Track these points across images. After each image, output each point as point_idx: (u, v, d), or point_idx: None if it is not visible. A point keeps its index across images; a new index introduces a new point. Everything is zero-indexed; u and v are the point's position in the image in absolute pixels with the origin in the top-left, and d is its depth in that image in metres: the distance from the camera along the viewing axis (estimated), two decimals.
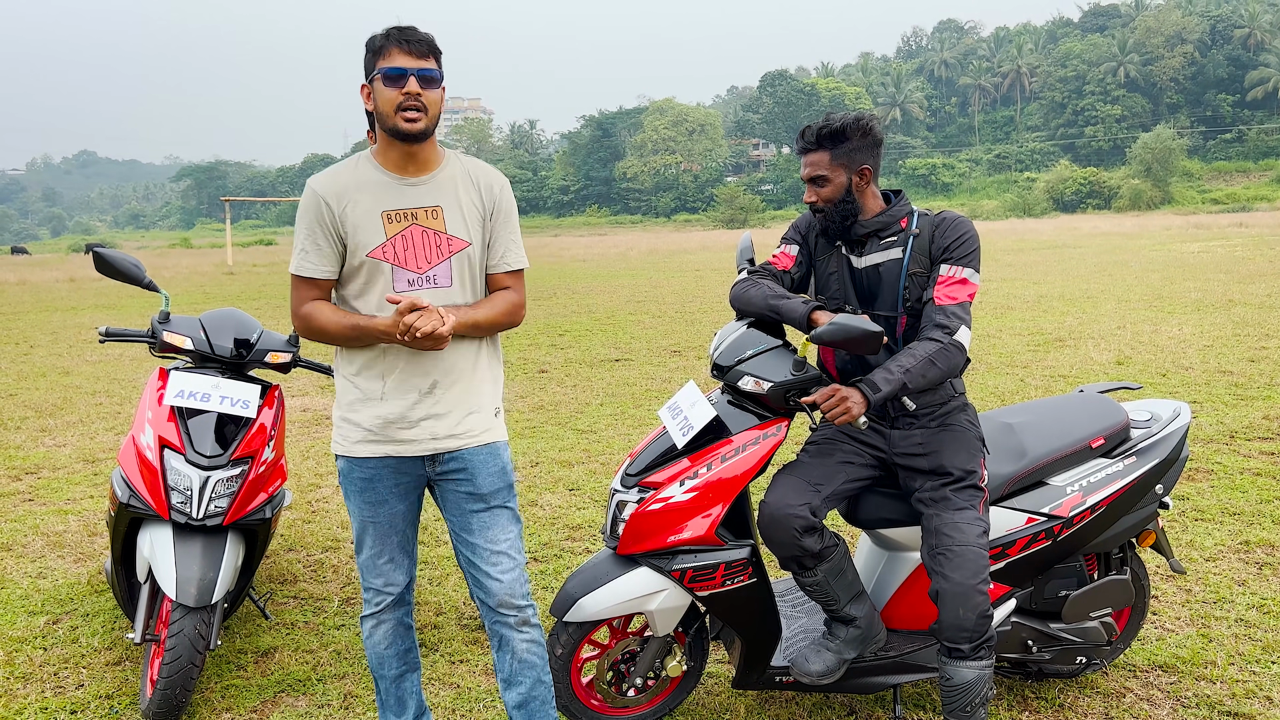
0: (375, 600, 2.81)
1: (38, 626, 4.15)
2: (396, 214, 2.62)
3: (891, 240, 3.03)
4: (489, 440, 2.77)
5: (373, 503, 2.73)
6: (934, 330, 2.90)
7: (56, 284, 27.85)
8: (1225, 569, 4.41)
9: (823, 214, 3.05)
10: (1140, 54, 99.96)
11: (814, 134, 3.01)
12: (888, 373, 2.84)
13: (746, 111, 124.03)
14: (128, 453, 3.53)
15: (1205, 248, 27.17)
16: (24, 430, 8.11)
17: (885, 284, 3.02)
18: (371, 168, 2.67)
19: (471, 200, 2.70)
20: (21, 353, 13.11)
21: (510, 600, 2.73)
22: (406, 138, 2.58)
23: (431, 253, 2.64)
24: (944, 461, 3.01)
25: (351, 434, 2.72)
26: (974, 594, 2.85)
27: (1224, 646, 3.68)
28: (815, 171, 3.02)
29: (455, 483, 2.74)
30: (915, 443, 3.05)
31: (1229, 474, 5.78)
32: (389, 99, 2.54)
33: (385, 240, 2.61)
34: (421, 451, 2.69)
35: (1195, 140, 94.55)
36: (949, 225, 3.02)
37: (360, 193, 2.63)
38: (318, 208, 2.61)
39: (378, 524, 2.75)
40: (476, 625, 4.09)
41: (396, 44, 2.55)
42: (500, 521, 2.76)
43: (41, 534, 5.36)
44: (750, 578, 2.95)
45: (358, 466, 2.72)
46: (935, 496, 2.99)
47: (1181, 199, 78.02)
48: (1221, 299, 14.46)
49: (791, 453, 6.58)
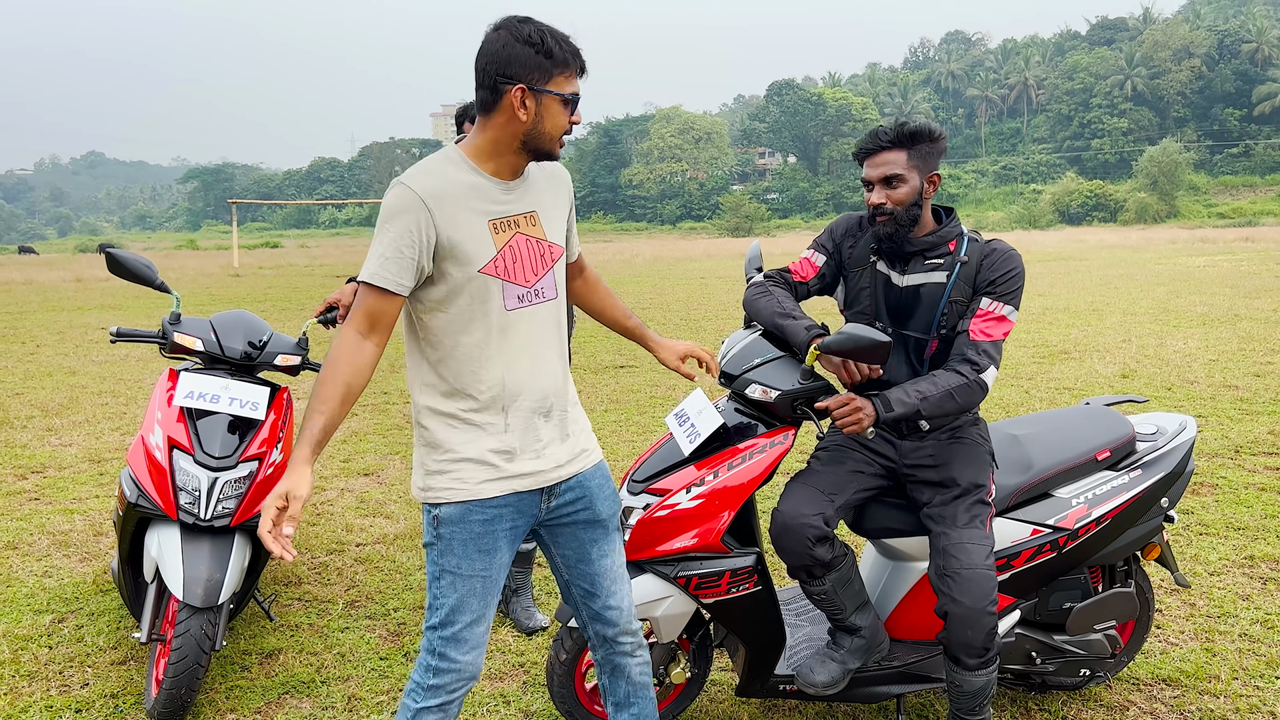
0: (453, 685, 2.40)
1: (43, 625, 4.16)
2: (502, 222, 2.35)
3: (937, 262, 2.98)
4: (599, 458, 2.63)
5: (486, 551, 2.38)
6: (962, 364, 2.89)
7: (63, 284, 27.93)
8: (1229, 583, 4.41)
9: (890, 218, 2.93)
10: (1147, 67, 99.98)
11: (892, 131, 2.92)
12: (905, 395, 2.84)
13: (753, 120, 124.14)
14: (137, 453, 3.54)
15: (1211, 262, 27.14)
16: (30, 429, 8.14)
17: (923, 306, 2.99)
18: (467, 169, 2.35)
19: (556, 201, 2.52)
20: (28, 352, 13.15)
21: (628, 627, 2.63)
22: (551, 157, 2.42)
23: (537, 263, 2.40)
24: (954, 474, 2.99)
25: (474, 474, 2.36)
26: (982, 616, 2.85)
27: (1228, 661, 3.68)
28: (890, 170, 2.91)
29: (572, 513, 2.53)
30: (925, 454, 3.05)
31: (1234, 489, 5.78)
32: (560, 124, 2.34)
33: (495, 253, 2.32)
34: (547, 482, 2.44)
35: (1202, 154, 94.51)
36: (999, 259, 2.96)
37: (464, 198, 2.31)
38: (417, 210, 2.24)
39: (487, 578, 2.40)
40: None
41: (578, 68, 2.35)
42: (616, 545, 2.62)
43: (47, 533, 5.38)
44: (755, 586, 2.95)
45: (477, 510, 2.37)
46: (944, 512, 2.96)
47: (1187, 213, 77.98)
48: (1227, 313, 14.45)
49: (799, 462, 6.59)
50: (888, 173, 2.90)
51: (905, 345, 3.04)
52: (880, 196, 2.92)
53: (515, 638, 4.03)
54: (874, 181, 2.94)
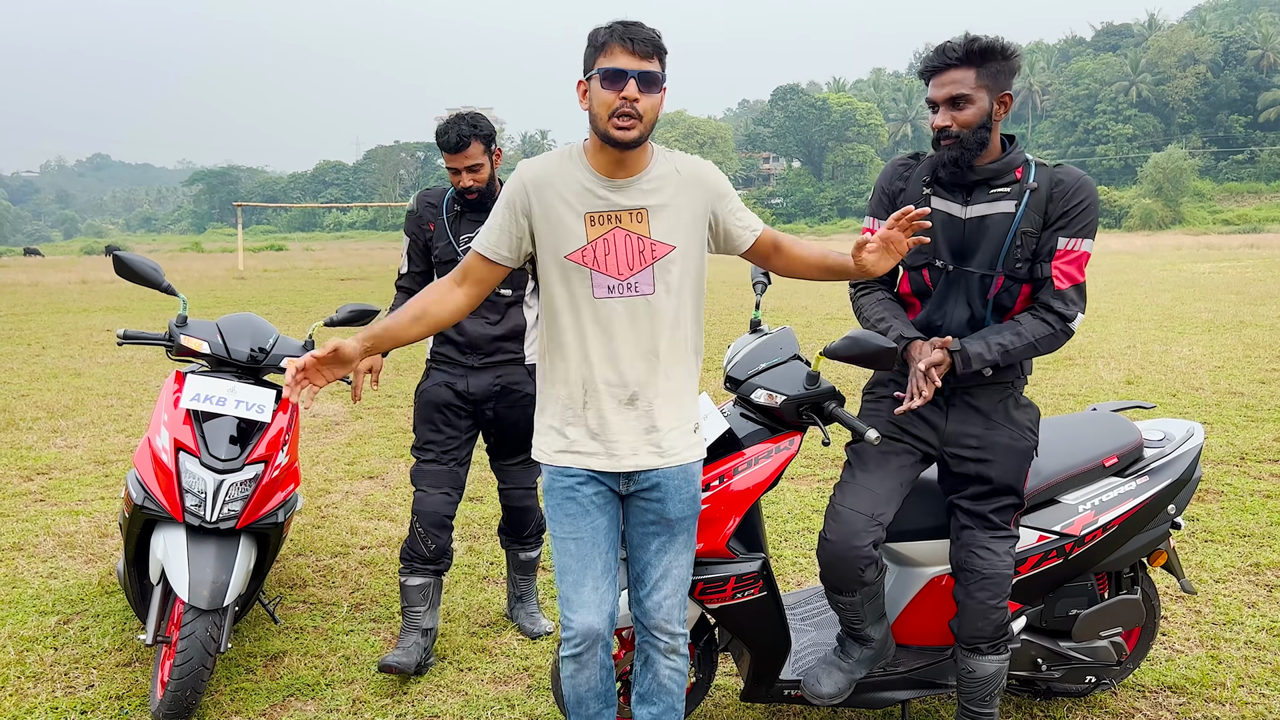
0: (576, 642, 2.59)
1: (49, 626, 4.17)
2: (600, 216, 2.48)
3: (1003, 191, 2.78)
4: (687, 460, 2.62)
5: (574, 514, 2.57)
6: (1049, 314, 2.78)
7: (69, 285, 27.97)
8: (1235, 591, 4.40)
9: (956, 141, 2.74)
10: (1153, 74, 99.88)
11: (960, 47, 2.70)
12: (985, 350, 2.74)
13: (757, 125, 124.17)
14: (143, 455, 3.55)
15: (1216, 268, 27.11)
16: (36, 431, 8.15)
17: (989, 239, 2.80)
18: (580, 165, 2.51)
19: (681, 201, 2.53)
20: (34, 354, 13.17)
21: (665, 625, 2.64)
22: (619, 145, 2.41)
23: (634, 258, 2.48)
24: (992, 473, 2.92)
25: (555, 442, 2.59)
26: (994, 610, 2.94)
27: (1233, 669, 3.67)
28: (956, 90, 2.71)
29: (646, 502, 2.61)
30: (970, 439, 2.93)
31: (1239, 496, 5.77)
32: (605, 101, 2.38)
33: (586, 244, 2.47)
34: (619, 467, 2.55)
35: (1207, 160, 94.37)
36: (1071, 188, 2.76)
37: (565, 188, 2.50)
38: (519, 192, 2.52)
39: (579, 539, 2.57)
40: (485, 633, 4.10)
41: (620, 40, 2.38)
42: (677, 547, 2.64)
43: (53, 534, 5.38)
44: (761, 591, 2.95)
45: (559, 476, 2.59)
46: (975, 510, 2.96)
47: (1192, 219, 77.86)
48: (1233, 320, 14.43)
49: (804, 467, 6.59)
50: (954, 92, 2.71)
51: (967, 284, 2.87)
52: (945, 118, 2.74)
53: (520, 642, 4.03)
54: (938, 102, 2.75)
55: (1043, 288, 2.83)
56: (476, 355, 3.83)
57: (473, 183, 3.72)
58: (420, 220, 3.92)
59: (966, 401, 2.95)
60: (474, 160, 3.70)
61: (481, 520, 5.61)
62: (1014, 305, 2.89)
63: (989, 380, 2.91)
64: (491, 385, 3.85)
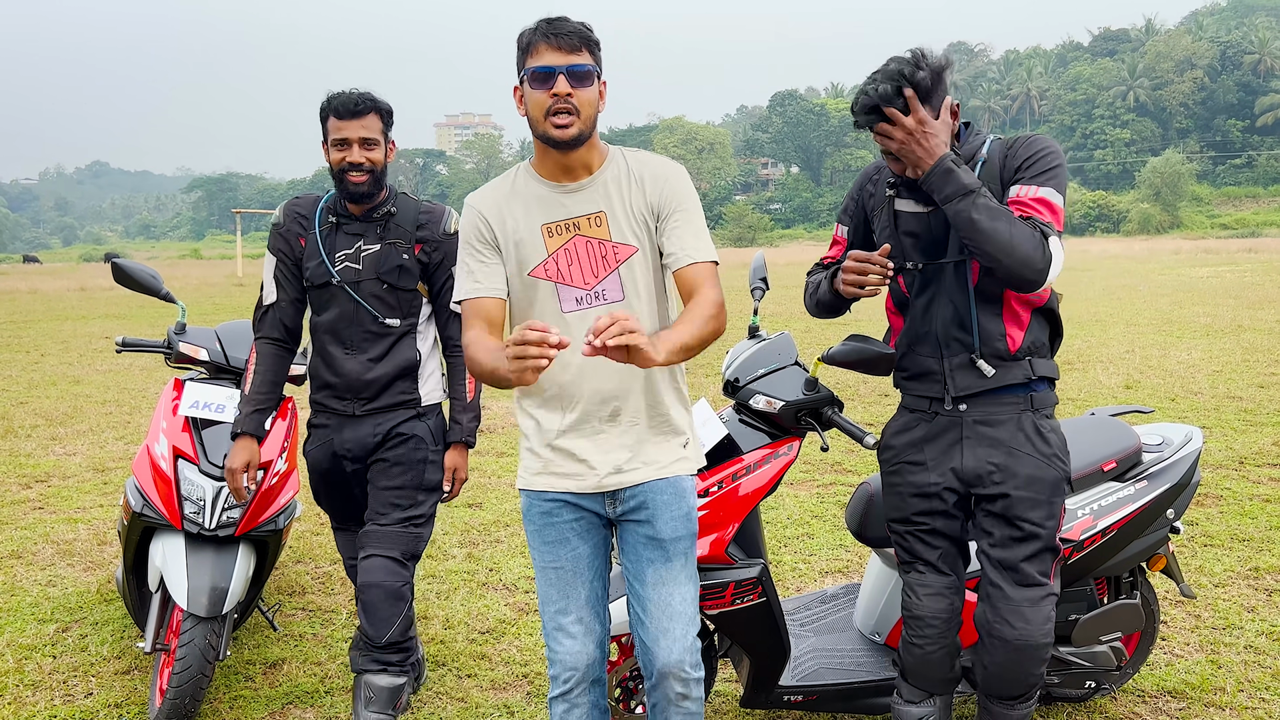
0: (565, 679, 2.45)
1: (47, 634, 4.16)
2: (557, 226, 2.37)
3: None
4: (675, 473, 2.46)
5: (553, 541, 2.45)
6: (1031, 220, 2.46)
7: (68, 293, 27.98)
8: (1234, 595, 4.40)
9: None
10: (1150, 78, 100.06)
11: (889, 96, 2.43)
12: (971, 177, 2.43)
13: (756, 131, 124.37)
14: (142, 462, 3.55)
15: (1214, 272, 27.13)
16: (34, 438, 8.15)
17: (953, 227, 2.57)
18: (529, 178, 2.42)
19: (636, 200, 2.39)
20: (32, 361, 13.17)
21: (676, 672, 2.44)
22: (559, 145, 2.30)
23: (598, 264, 2.37)
24: (1017, 511, 2.62)
25: (531, 465, 2.47)
26: (1029, 677, 2.70)
27: (1233, 673, 3.67)
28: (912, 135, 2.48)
29: (635, 524, 2.45)
30: (987, 466, 2.66)
31: (1238, 500, 5.77)
32: (537, 102, 2.28)
33: (547, 256, 2.37)
34: (602, 486, 2.41)
35: (1204, 165, 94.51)
36: (1022, 144, 2.58)
37: (518, 206, 2.40)
38: (475, 226, 2.40)
39: (560, 569, 2.44)
40: (484, 639, 4.10)
41: (544, 38, 2.27)
42: (676, 577, 2.45)
43: (51, 542, 5.38)
44: (759, 597, 2.95)
45: (537, 501, 2.46)
46: (1004, 560, 2.66)
47: (1190, 223, 77.98)
48: (1231, 324, 14.44)
49: (803, 473, 6.58)
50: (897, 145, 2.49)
51: (944, 279, 2.66)
52: (900, 167, 2.57)
53: (519, 649, 4.02)
54: (888, 150, 2.55)
55: None
56: (358, 401, 3.20)
57: (364, 159, 3.06)
58: (288, 235, 3.22)
59: (981, 432, 2.68)
60: (370, 133, 3.09)
61: (480, 526, 5.60)
62: (1001, 293, 2.62)
63: (1004, 398, 2.66)
64: (369, 437, 3.21)
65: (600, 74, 2.34)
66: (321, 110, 3.11)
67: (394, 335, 3.20)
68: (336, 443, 3.22)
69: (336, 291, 3.14)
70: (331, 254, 3.15)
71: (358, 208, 3.18)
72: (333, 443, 3.23)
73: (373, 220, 3.19)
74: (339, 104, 3.05)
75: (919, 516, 2.77)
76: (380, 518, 3.18)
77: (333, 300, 3.16)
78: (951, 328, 2.66)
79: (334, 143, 3.08)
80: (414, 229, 3.20)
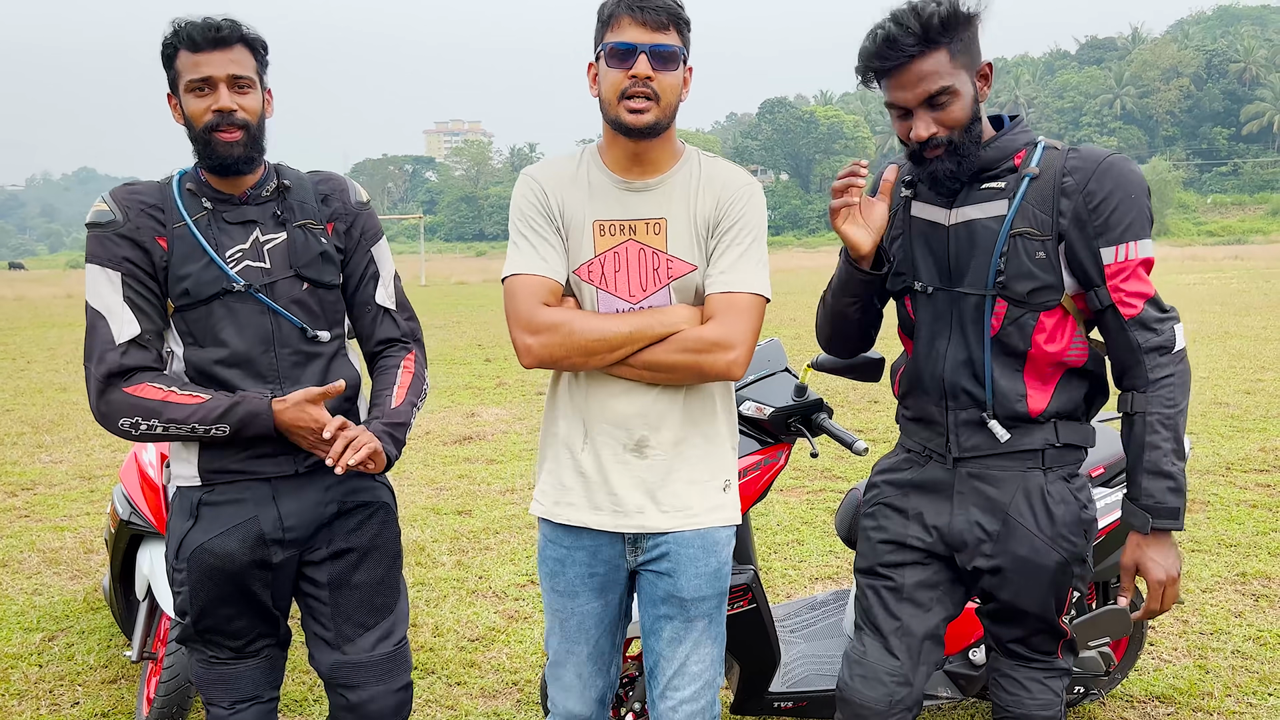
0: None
1: (33, 643, 4.13)
2: (611, 225, 2.10)
3: (996, 188, 2.09)
4: (709, 524, 2.15)
5: (561, 592, 2.21)
6: (1151, 357, 2.05)
7: (54, 300, 27.86)
8: (1222, 600, 4.42)
9: (950, 149, 2.05)
10: (1136, 87, 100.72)
11: (917, 27, 1.96)
12: (1163, 476, 2.02)
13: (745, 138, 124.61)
14: (129, 470, 3.53)
15: (1201, 279, 27.28)
16: (20, 446, 8.10)
17: (978, 250, 2.10)
18: (594, 164, 2.14)
19: (702, 211, 2.10)
20: (18, 368, 13.10)
21: None
22: (631, 132, 2.02)
23: (648, 277, 2.09)
24: (1007, 596, 2.21)
25: (550, 493, 2.20)
26: None
27: (1221, 678, 3.68)
28: (937, 84, 2.00)
29: (654, 575, 2.17)
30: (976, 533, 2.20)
31: (1225, 506, 5.80)
32: (613, 82, 2.00)
33: (594, 256, 2.09)
34: (623, 527, 2.12)
35: (1191, 173, 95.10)
36: (1093, 172, 2.01)
37: (576, 191, 2.12)
38: (537, 198, 2.11)
39: (565, 621, 2.22)
40: (474, 647, 4.09)
41: (629, 11, 1.99)
42: (695, 638, 2.18)
43: (38, 550, 5.35)
44: (749, 604, 2.94)
45: (551, 542, 2.21)
46: (995, 632, 2.32)
47: (1177, 231, 78.36)
48: (1218, 331, 14.51)
49: (793, 479, 6.58)
50: (931, 88, 2.01)
51: (957, 312, 2.16)
52: (927, 125, 2.04)
53: (509, 656, 4.01)
54: (910, 106, 2.05)
55: (1105, 325, 2.11)
56: (298, 453, 2.24)
57: (237, 108, 2.14)
58: (137, 236, 2.18)
59: (976, 487, 2.21)
60: (243, 69, 2.16)
61: (470, 534, 5.59)
62: (1029, 350, 2.12)
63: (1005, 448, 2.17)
64: (319, 507, 2.28)
65: (687, 58, 2.08)
66: (165, 45, 2.15)
67: (327, 353, 2.31)
68: (266, 521, 2.21)
69: (237, 304, 2.19)
70: (220, 247, 2.20)
71: (233, 184, 2.23)
72: (258, 523, 2.21)
73: (263, 201, 2.26)
74: (193, 31, 2.11)
75: (885, 569, 2.29)
76: (359, 636, 2.34)
77: (231, 318, 2.19)
78: (960, 375, 2.18)
79: (190, 87, 2.14)
80: (318, 203, 2.33)
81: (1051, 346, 2.12)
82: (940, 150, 2.05)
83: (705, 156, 2.18)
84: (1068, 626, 2.30)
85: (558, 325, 2.03)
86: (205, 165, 2.21)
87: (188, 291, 2.17)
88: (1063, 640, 2.30)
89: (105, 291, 2.18)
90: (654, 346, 2.03)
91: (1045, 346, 2.12)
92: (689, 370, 2.04)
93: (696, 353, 2.02)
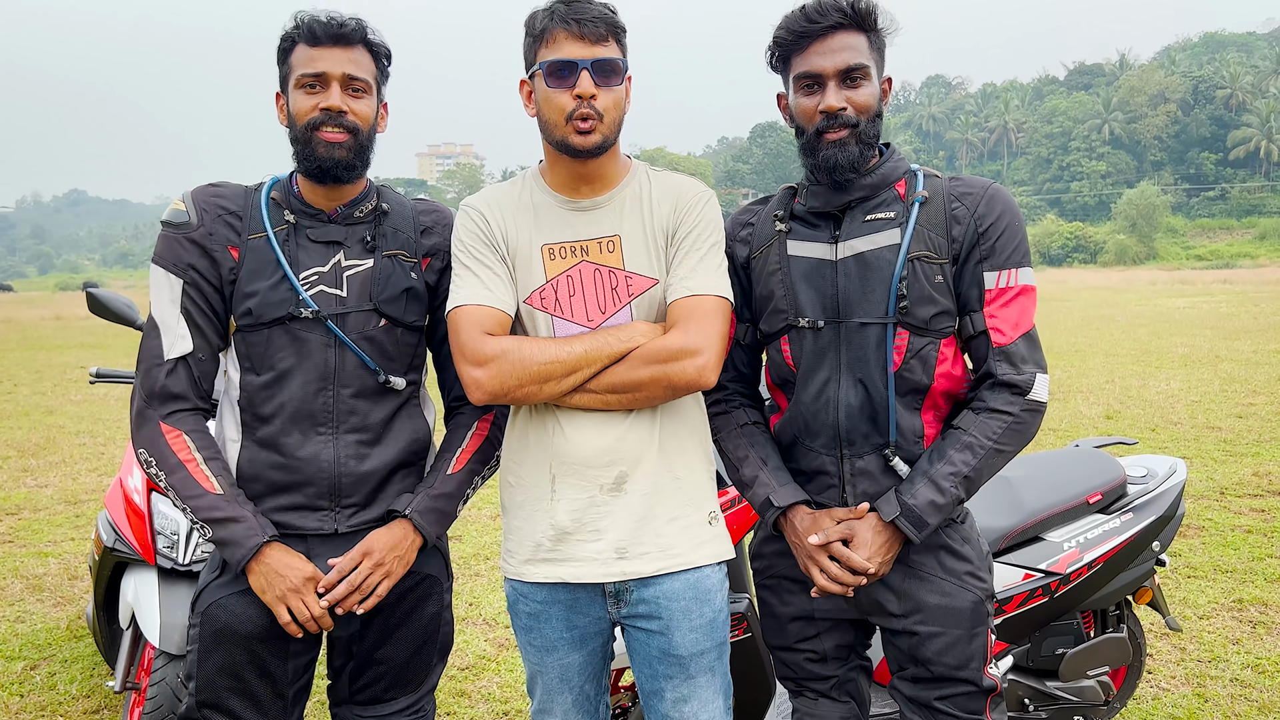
0: None
1: (15, 672, 4.06)
2: (561, 248, 1.97)
3: (884, 217, 2.02)
4: (697, 563, 1.99)
5: (539, 647, 2.05)
6: (999, 392, 1.97)
7: (42, 322, 27.73)
8: (1219, 627, 4.38)
9: (852, 132, 1.97)
10: (1124, 112, 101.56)
11: (848, 4, 1.95)
12: (935, 490, 1.95)
13: (736, 162, 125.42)
14: (114, 496, 3.48)
15: (1191, 303, 27.40)
16: (5, 470, 8.02)
17: (875, 281, 2.00)
18: (537, 187, 2.03)
19: (660, 221, 1.99)
20: (5, 391, 13.00)
21: None
22: (579, 154, 1.90)
23: (606, 297, 1.96)
24: (926, 653, 2.07)
25: (518, 549, 2.03)
26: None
27: (1220, 706, 3.65)
28: (856, 58, 1.96)
29: (644, 634, 2.01)
30: (884, 593, 2.10)
31: (1220, 531, 5.77)
32: (557, 104, 1.87)
33: (545, 282, 1.96)
34: (603, 577, 1.95)
35: (1179, 197, 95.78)
36: (983, 199, 2.00)
37: (520, 217, 1.99)
38: (478, 228, 1.98)
39: (544, 674, 2.06)
40: (463, 676, 4.02)
41: (563, 24, 1.85)
42: (702, 695, 2.02)
43: (21, 577, 5.27)
44: (744, 634, 2.90)
45: (523, 597, 2.04)
46: (914, 695, 2.13)
47: (1166, 255, 78.87)
48: (1208, 354, 14.55)
49: None
50: (850, 61, 1.95)
51: (851, 349, 2.03)
52: (838, 98, 1.95)
53: (499, 686, 3.95)
54: (827, 76, 1.96)
55: (974, 353, 2.06)
56: (342, 510, 2.08)
57: (347, 110, 2.00)
58: (208, 243, 2.03)
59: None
60: (361, 72, 2.03)
61: (460, 560, 5.53)
62: (931, 384, 2.03)
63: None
64: None
65: (628, 67, 1.95)
66: (284, 38, 2.03)
67: (397, 400, 2.13)
68: None
69: (303, 332, 2.03)
70: (297, 266, 2.04)
71: (327, 196, 2.07)
72: None
73: (356, 221, 2.10)
74: (314, 24, 1.99)
75: (803, 645, 2.23)
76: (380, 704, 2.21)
77: (293, 347, 2.03)
78: (858, 419, 2.04)
79: (301, 82, 2.00)
80: (418, 234, 2.16)
81: (951, 378, 2.07)
82: (845, 132, 1.97)
83: (653, 170, 2.08)
84: (997, 679, 2.14)
85: (505, 353, 1.88)
86: (302, 169, 2.05)
87: (250, 311, 2.01)
88: (990, 695, 2.13)
89: (164, 300, 2.02)
90: (614, 366, 1.89)
91: (947, 377, 2.06)
92: (657, 384, 1.89)
93: (662, 363, 1.88)
